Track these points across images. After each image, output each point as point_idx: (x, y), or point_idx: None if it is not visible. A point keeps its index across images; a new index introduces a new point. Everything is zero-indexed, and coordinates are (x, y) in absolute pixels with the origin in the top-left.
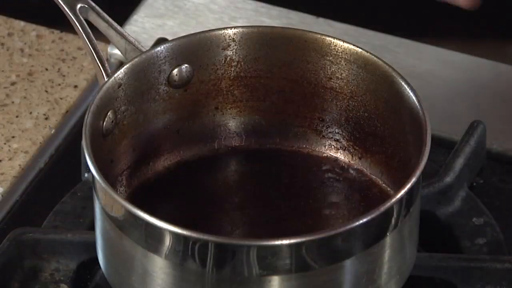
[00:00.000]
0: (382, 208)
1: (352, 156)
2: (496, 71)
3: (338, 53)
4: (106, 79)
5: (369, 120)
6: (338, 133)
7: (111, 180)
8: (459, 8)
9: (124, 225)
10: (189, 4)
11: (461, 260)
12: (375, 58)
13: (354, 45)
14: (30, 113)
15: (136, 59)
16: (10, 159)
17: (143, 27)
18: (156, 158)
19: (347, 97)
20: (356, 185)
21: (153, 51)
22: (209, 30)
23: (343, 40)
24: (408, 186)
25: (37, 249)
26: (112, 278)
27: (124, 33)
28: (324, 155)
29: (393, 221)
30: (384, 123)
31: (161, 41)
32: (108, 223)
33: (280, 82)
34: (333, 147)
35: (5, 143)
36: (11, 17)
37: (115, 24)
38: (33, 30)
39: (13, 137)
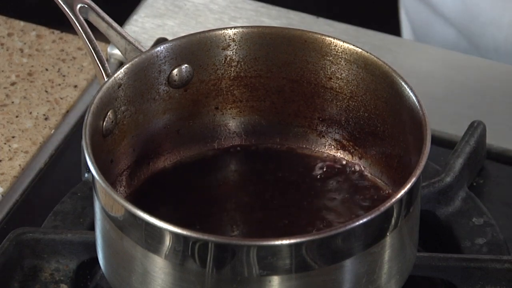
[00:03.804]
0: (382, 208)
1: (352, 156)
2: (496, 71)
3: (338, 53)
4: (106, 79)
5: (369, 120)
6: (338, 133)
7: (111, 180)
8: None
9: (124, 225)
10: (189, 4)
11: (461, 260)
12: (375, 58)
13: (354, 45)
14: (30, 113)
15: (136, 59)
16: (10, 159)
17: (143, 27)
18: (156, 158)
19: (347, 97)
20: (356, 185)
21: (153, 51)
22: (209, 30)
23: (343, 40)
24: (408, 186)
25: (37, 249)
26: (112, 278)
27: (124, 33)
28: (324, 155)
29: (393, 221)
30: (384, 123)
31: (161, 41)
32: (108, 223)
33: (280, 82)
34: (333, 147)
35: (5, 143)
36: (11, 17)
37: (115, 24)
38: (33, 30)
39: (13, 137)
